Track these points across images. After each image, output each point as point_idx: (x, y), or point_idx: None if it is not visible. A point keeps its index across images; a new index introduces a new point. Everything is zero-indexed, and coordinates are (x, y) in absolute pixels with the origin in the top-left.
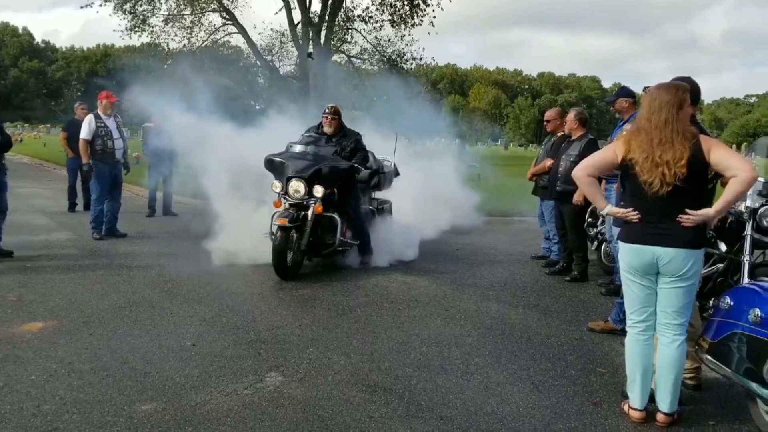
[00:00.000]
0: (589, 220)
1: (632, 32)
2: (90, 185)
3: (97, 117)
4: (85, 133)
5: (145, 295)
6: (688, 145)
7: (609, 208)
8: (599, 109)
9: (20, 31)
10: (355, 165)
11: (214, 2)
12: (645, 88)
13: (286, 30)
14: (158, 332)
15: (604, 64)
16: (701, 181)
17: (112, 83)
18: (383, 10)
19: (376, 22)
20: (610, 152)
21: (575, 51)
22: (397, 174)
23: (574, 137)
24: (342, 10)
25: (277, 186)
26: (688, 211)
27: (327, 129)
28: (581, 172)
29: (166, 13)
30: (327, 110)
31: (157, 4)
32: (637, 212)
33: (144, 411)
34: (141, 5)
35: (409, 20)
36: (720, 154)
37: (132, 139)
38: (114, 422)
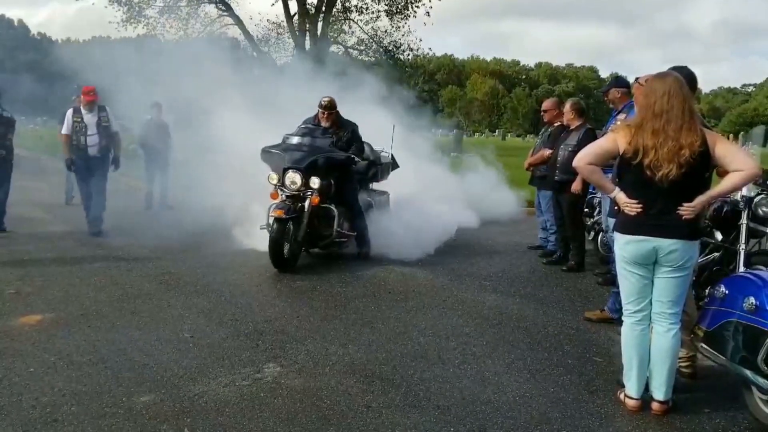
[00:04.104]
0: (586, 210)
1: (624, 23)
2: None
3: (76, 112)
4: (64, 127)
5: (143, 287)
6: (700, 129)
7: (617, 192)
8: (597, 99)
9: (15, 24)
10: (352, 156)
11: None
12: (637, 79)
13: (283, 21)
14: (156, 324)
15: (598, 55)
16: (702, 172)
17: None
18: (379, 0)
19: (373, 12)
20: (610, 141)
21: (568, 41)
22: (395, 166)
23: (572, 127)
24: (338, 0)
25: (274, 177)
26: (684, 204)
27: (324, 124)
28: (581, 162)
29: (162, 4)
30: (322, 104)
31: None
32: (639, 204)
33: (142, 402)
34: None
35: (404, 11)
36: (725, 149)
37: (129, 132)
38: (113, 413)
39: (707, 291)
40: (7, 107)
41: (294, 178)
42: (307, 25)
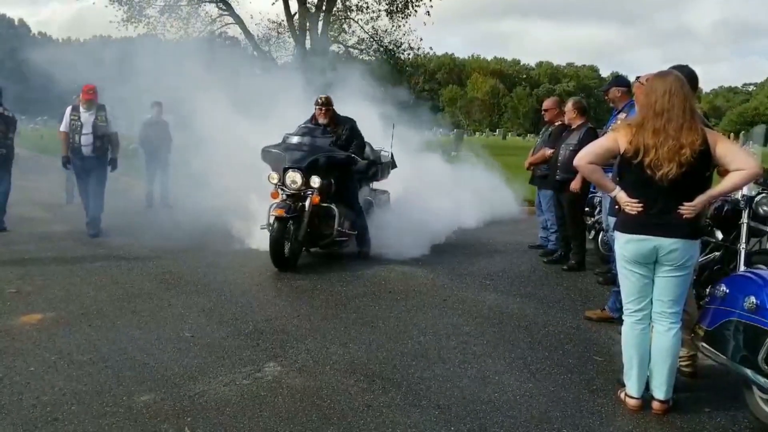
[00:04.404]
0: (586, 209)
1: (624, 22)
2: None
3: (75, 110)
4: (62, 125)
5: (143, 286)
6: (701, 128)
7: (618, 191)
8: (597, 98)
9: (16, 23)
10: (352, 155)
11: None
12: (638, 78)
13: (283, 20)
14: (157, 323)
15: (598, 54)
16: (703, 172)
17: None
18: (379, 0)
19: (373, 11)
20: (611, 140)
21: (568, 41)
22: (394, 165)
23: (573, 126)
24: None
25: (274, 177)
26: (685, 203)
27: (321, 120)
28: (582, 161)
29: (162, 3)
30: (319, 101)
31: None
32: (640, 203)
33: (143, 401)
34: None
35: (405, 10)
36: (726, 148)
37: (128, 132)
38: (113, 413)
39: (708, 290)
40: (8, 107)
41: (294, 177)
42: (308, 24)
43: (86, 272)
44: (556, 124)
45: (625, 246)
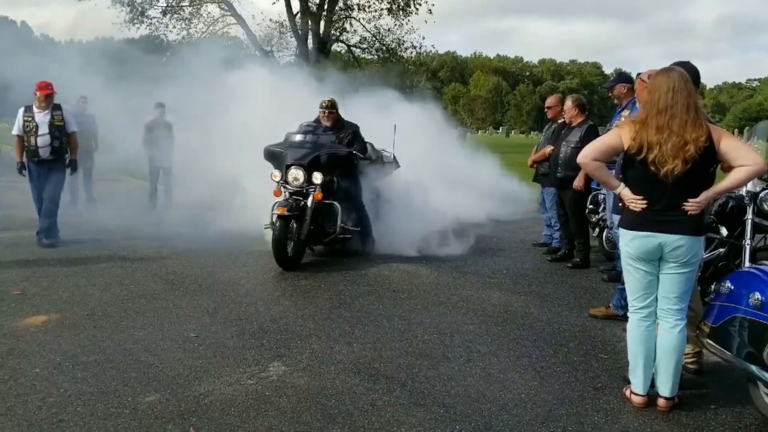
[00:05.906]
0: (591, 206)
1: (625, 19)
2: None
3: (28, 110)
4: (14, 128)
5: (147, 287)
6: (705, 124)
7: (622, 188)
8: (601, 95)
9: (18, 25)
10: (354, 152)
11: None
12: (639, 75)
13: (285, 20)
14: (161, 324)
15: (600, 51)
16: (707, 168)
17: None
18: None
19: (375, 11)
20: (615, 137)
21: (571, 38)
22: (396, 165)
23: (574, 124)
24: None
25: (277, 175)
26: (690, 200)
27: (325, 123)
28: (586, 158)
29: (165, 4)
30: (323, 104)
31: None
32: (644, 200)
33: (148, 402)
34: None
35: (406, 8)
36: (730, 144)
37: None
38: (118, 414)
39: (713, 287)
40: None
41: (297, 174)
42: (309, 24)
43: (90, 273)
44: (559, 121)
45: (630, 243)
